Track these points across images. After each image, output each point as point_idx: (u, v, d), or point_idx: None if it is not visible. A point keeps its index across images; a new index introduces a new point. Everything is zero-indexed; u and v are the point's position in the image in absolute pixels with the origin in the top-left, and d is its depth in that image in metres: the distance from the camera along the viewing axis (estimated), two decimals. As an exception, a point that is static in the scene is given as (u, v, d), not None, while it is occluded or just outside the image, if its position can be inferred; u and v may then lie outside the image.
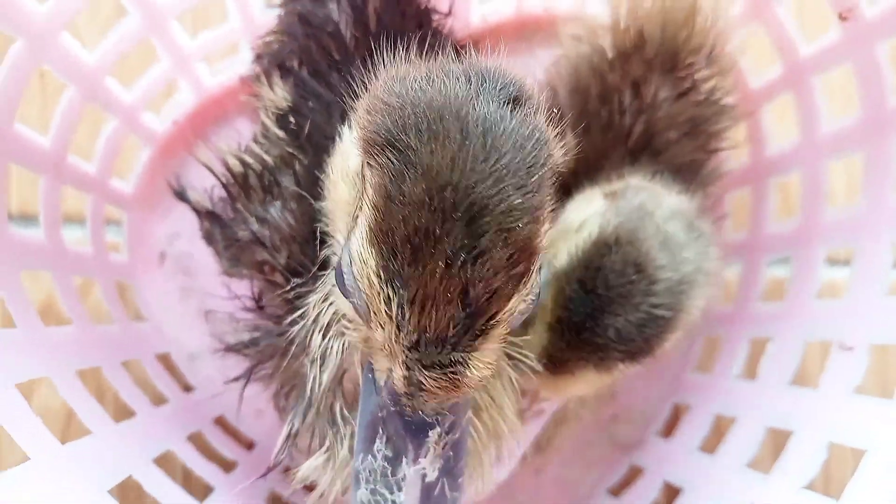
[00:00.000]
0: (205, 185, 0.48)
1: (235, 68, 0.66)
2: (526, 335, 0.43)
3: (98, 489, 0.39)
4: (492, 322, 0.31)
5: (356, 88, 0.38)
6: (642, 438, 0.69)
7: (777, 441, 0.54)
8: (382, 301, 0.30)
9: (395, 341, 0.31)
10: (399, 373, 0.32)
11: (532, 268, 0.31)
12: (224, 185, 0.46)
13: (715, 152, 0.57)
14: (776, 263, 0.68)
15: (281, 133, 0.44)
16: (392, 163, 0.29)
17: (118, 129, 0.59)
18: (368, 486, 0.35)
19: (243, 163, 0.45)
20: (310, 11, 0.48)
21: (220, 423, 0.62)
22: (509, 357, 0.41)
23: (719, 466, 0.57)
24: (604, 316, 0.41)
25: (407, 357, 0.31)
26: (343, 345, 0.39)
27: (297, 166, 0.43)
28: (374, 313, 0.31)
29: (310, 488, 0.58)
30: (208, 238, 0.49)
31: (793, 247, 0.63)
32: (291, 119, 0.44)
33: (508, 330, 0.33)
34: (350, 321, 0.36)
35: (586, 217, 0.44)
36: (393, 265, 0.29)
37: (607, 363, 0.42)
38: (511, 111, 0.31)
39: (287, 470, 0.44)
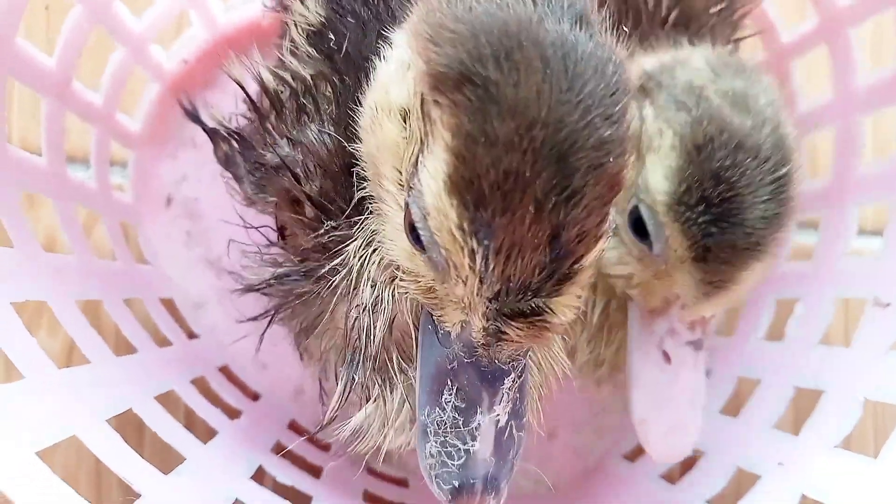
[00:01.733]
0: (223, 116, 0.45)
1: (251, 5, 0.63)
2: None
3: (95, 417, 0.37)
4: (576, 266, 0.29)
5: (391, 15, 0.36)
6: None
7: (803, 404, 0.52)
8: (466, 254, 0.28)
9: (477, 294, 0.29)
10: (479, 324, 0.30)
11: (615, 201, 0.30)
12: (253, 104, 0.42)
13: (741, 40, 0.55)
14: (804, 231, 0.65)
15: (312, 51, 0.40)
16: (471, 100, 0.27)
17: (125, 60, 0.56)
18: (438, 439, 0.32)
19: (277, 75, 0.41)
20: None
21: (225, 371, 0.60)
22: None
23: (742, 427, 0.55)
24: (746, 214, 0.39)
25: (488, 308, 0.29)
26: (393, 293, 0.36)
27: (335, 89, 0.39)
28: (456, 267, 0.29)
29: (320, 445, 0.56)
30: (226, 163, 0.45)
31: (824, 206, 0.60)
32: (328, 36, 0.40)
33: (590, 275, 0.31)
34: (407, 273, 0.34)
35: (640, 129, 0.42)
36: (480, 215, 0.27)
37: (767, 248, 0.40)
38: (583, 33, 0.29)
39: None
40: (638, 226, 0.42)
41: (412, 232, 0.31)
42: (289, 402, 0.61)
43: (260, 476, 0.47)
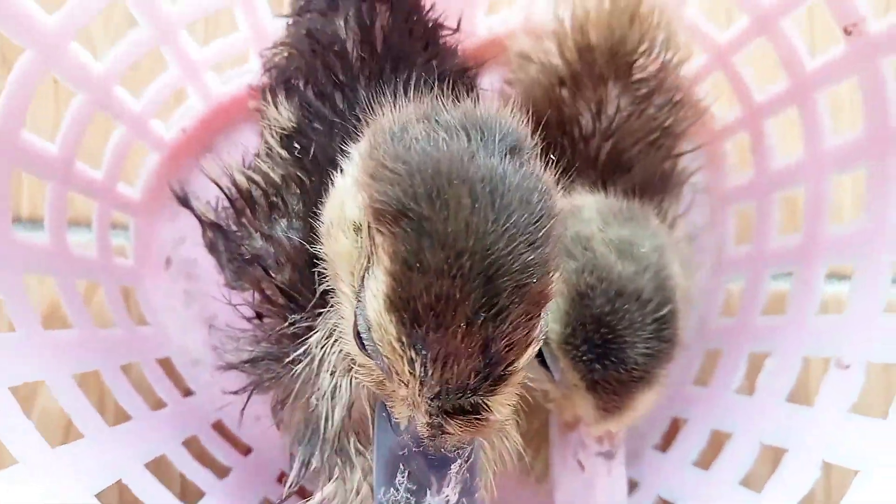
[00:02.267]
0: (211, 195, 0.49)
1: (244, 77, 0.67)
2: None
3: (85, 492, 0.40)
4: (509, 370, 0.32)
5: (357, 119, 0.39)
6: (638, 451, 0.68)
7: (772, 458, 0.54)
8: (406, 363, 0.31)
9: (419, 395, 0.32)
10: (422, 420, 0.33)
11: (542, 312, 0.32)
12: (230, 200, 0.46)
13: (681, 155, 0.58)
14: (779, 277, 0.68)
15: (285, 153, 0.44)
16: (406, 232, 0.30)
17: (126, 136, 0.60)
18: None
19: (249, 179, 0.45)
20: (317, 28, 0.48)
21: (218, 427, 0.63)
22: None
23: (713, 482, 0.57)
24: (626, 351, 0.42)
25: (430, 406, 0.32)
26: (351, 382, 0.40)
27: (303, 188, 0.43)
28: (397, 373, 0.32)
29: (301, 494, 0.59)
30: (211, 248, 0.49)
31: (795, 262, 0.62)
32: (296, 141, 0.44)
33: (524, 374, 0.34)
34: (361, 367, 0.37)
35: None
36: (415, 332, 0.30)
37: (654, 377, 0.44)
38: (512, 164, 0.31)
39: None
40: (541, 359, 0.45)
41: (358, 338, 0.34)
42: (280, 452, 0.64)
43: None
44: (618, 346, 0.42)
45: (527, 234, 0.30)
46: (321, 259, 0.39)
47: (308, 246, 0.40)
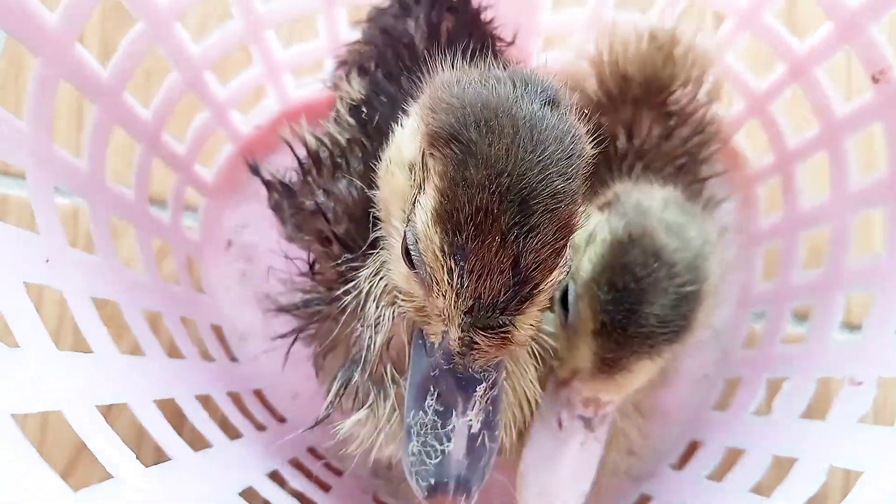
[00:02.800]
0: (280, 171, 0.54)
1: (317, 85, 0.74)
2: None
3: (145, 395, 0.45)
4: (537, 290, 0.35)
5: (419, 89, 0.44)
6: (653, 471, 0.70)
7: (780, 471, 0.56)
8: (445, 272, 0.35)
9: (454, 307, 0.36)
10: (455, 334, 0.37)
11: (568, 244, 0.36)
12: (298, 159, 0.52)
13: (707, 179, 0.61)
14: (794, 322, 0.70)
15: (351, 120, 0.50)
16: (456, 153, 0.34)
17: (209, 121, 0.67)
18: (419, 439, 0.39)
19: (319, 140, 0.51)
20: (391, 25, 0.55)
21: (258, 394, 0.67)
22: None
23: (724, 491, 0.58)
24: (642, 307, 0.44)
25: (463, 320, 0.36)
26: (392, 313, 0.43)
27: (365, 151, 0.49)
28: (437, 283, 0.36)
29: (333, 468, 0.63)
30: (276, 208, 0.54)
31: (816, 295, 0.65)
32: (363, 109, 0.50)
33: (550, 297, 0.38)
34: (404, 293, 0.41)
35: (592, 230, 0.49)
36: (456, 240, 0.34)
37: (658, 349, 0.45)
38: (551, 110, 0.36)
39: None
40: (564, 299, 0.48)
41: (406, 255, 0.38)
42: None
43: (274, 477, 0.53)
44: (636, 299, 0.44)
45: (559, 166, 0.34)
46: (375, 208, 0.44)
47: (368, 196, 0.45)
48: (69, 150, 0.49)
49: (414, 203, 0.38)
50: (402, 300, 0.41)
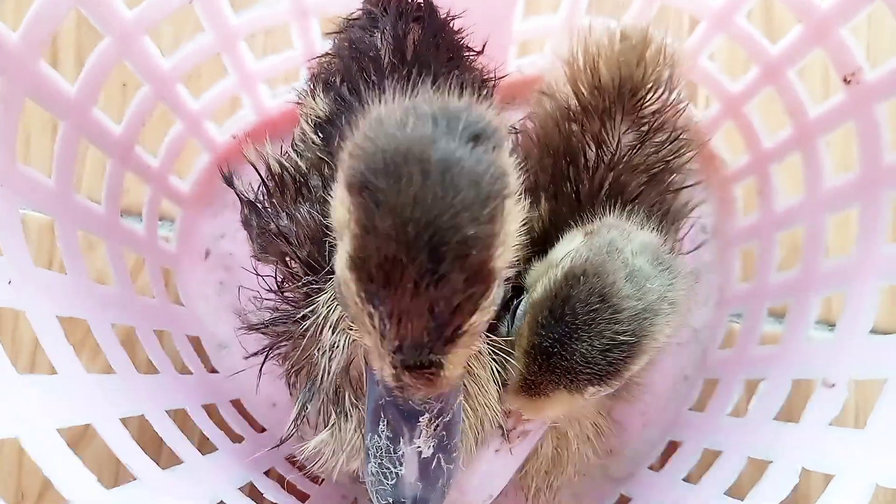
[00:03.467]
0: (252, 184, 0.55)
1: (292, 94, 0.74)
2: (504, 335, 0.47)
3: (112, 414, 0.45)
4: (458, 332, 0.35)
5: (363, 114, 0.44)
6: (633, 472, 0.70)
7: (756, 471, 0.56)
8: (366, 316, 0.35)
9: (381, 347, 0.36)
10: (387, 371, 0.37)
11: (491, 285, 0.35)
12: (263, 181, 0.52)
13: (681, 189, 0.61)
14: (771, 321, 0.71)
15: (316, 138, 0.50)
16: (365, 201, 0.34)
17: (182, 133, 0.67)
18: (376, 461, 0.40)
19: (281, 165, 0.51)
20: (358, 38, 0.55)
21: (237, 405, 0.67)
22: (492, 351, 0.46)
23: (701, 494, 0.59)
24: (571, 342, 0.44)
25: (392, 359, 0.36)
26: (348, 339, 0.44)
27: (326, 172, 0.49)
28: (361, 325, 0.36)
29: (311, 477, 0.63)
30: (245, 223, 0.54)
31: (791, 295, 0.65)
32: (326, 129, 0.50)
33: (476, 337, 0.37)
34: (352, 323, 0.41)
35: (565, 253, 0.48)
36: (370, 288, 0.34)
37: (577, 385, 0.44)
38: (472, 149, 0.34)
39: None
40: (516, 309, 0.48)
41: (339, 293, 0.38)
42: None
43: (249, 491, 0.53)
44: (567, 333, 0.44)
45: (471, 211, 0.33)
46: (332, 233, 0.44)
47: (325, 226, 0.45)
48: (43, 167, 0.50)
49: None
50: (352, 329, 0.41)
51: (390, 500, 0.40)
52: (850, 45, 0.60)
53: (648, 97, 0.60)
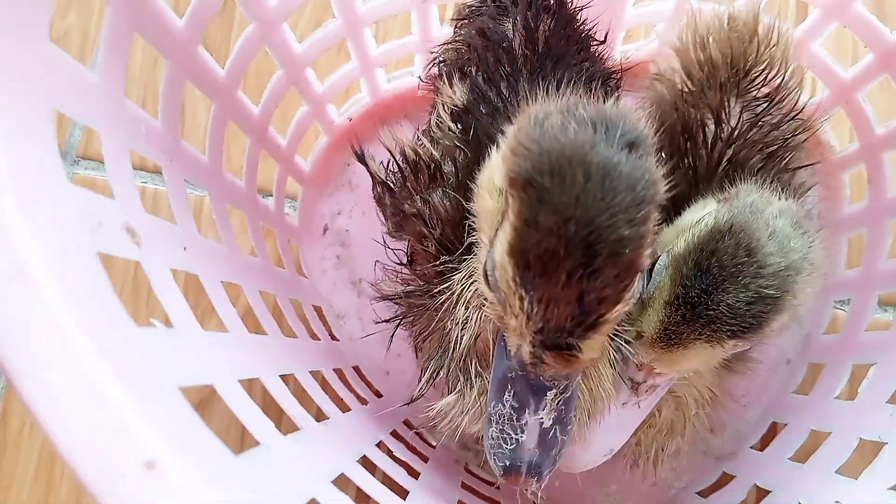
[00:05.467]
0: (382, 163, 0.58)
1: (406, 79, 0.77)
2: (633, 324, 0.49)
3: (270, 370, 0.49)
4: (600, 320, 0.38)
5: (517, 105, 0.47)
6: (735, 451, 0.72)
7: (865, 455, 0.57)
8: (517, 298, 0.38)
9: (525, 327, 0.39)
10: (526, 349, 0.40)
11: (634, 280, 0.38)
12: (399, 167, 0.55)
13: (798, 168, 0.62)
14: (882, 310, 0.71)
15: (454, 126, 0.53)
16: (529, 198, 0.36)
17: (307, 115, 0.71)
18: (498, 427, 0.43)
19: (416, 152, 0.54)
20: (489, 28, 0.57)
21: (357, 370, 0.72)
22: (613, 338, 0.48)
23: (809, 471, 0.60)
24: (717, 292, 0.45)
25: (533, 338, 0.39)
26: (480, 315, 0.47)
27: (461, 160, 0.52)
28: (510, 306, 0.39)
29: (427, 442, 0.67)
30: (379, 201, 0.58)
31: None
32: (463, 118, 0.53)
33: (614, 326, 0.40)
34: (489, 301, 0.44)
35: (702, 215, 0.50)
36: (527, 274, 0.37)
37: (718, 337, 0.46)
38: (627, 155, 0.37)
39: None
40: (652, 268, 0.49)
41: (486, 275, 0.41)
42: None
43: (381, 447, 0.58)
44: (714, 283, 0.45)
45: (627, 213, 0.36)
46: (471, 216, 0.47)
47: (464, 204, 0.48)
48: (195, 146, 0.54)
49: (497, 230, 0.40)
50: (487, 308, 0.44)
51: (507, 463, 0.43)
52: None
53: (761, 77, 0.61)
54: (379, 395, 0.72)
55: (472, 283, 0.48)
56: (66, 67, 0.39)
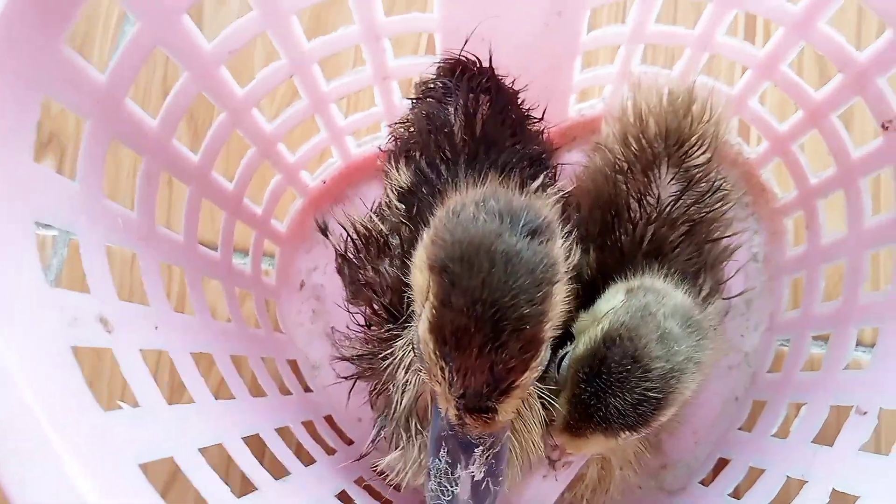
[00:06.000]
0: (341, 231, 0.64)
1: (374, 143, 0.84)
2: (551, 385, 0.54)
3: (235, 434, 0.55)
4: (512, 386, 0.43)
5: (455, 187, 0.52)
6: (685, 486, 0.77)
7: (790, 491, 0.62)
8: (439, 369, 0.43)
9: (449, 393, 0.44)
10: (452, 412, 0.45)
11: (539, 350, 0.43)
12: (353, 242, 0.62)
13: (719, 239, 0.67)
14: (816, 344, 0.76)
15: (401, 206, 0.60)
16: (444, 281, 0.42)
17: (281, 183, 0.78)
18: (436, 480, 0.49)
19: (366, 227, 0.61)
20: (434, 113, 0.63)
21: (329, 420, 0.77)
22: (539, 396, 0.53)
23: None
24: (606, 396, 0.50)
25: (456, 402, 0.44)
26: (418, 379, 0.53)
27: (405, 234, 0.58)
28: (434, 375, 0.45)
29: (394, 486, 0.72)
30: (339, 271, 0.65)
31: (833, 325, 0.71)
32: (410, 197, 0.59)
33: (526, 389, 0.46)
34: (422, 368, 0.50)
35: (607, 310, 0.54)
36: (444, 348, 0.42)
37: (612, 432, 0.51)
38: (529, 243, 0.43)
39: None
40: (562, 359, 0.54)
41: (415, 347, 0.47)
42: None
43: (343, 497, 0.63)
44: (603, 389, 0.50)
45: (528, 294, 0.42)
46: (410, 288, 0.52)
47: (403, 279, 0.54)
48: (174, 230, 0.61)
49: (423, 306, 0.46)
50: (422, 374, 0.50)
51: None
52: (886, 94, 0.64)
53: (694, 150, 0.66)
54: (350, 443, 0.77)
55: (411, 349, 0.54)
56: (47, 182, 0.45)
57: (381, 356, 0.56)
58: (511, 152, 0.61)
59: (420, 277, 0.46)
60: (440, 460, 0.48)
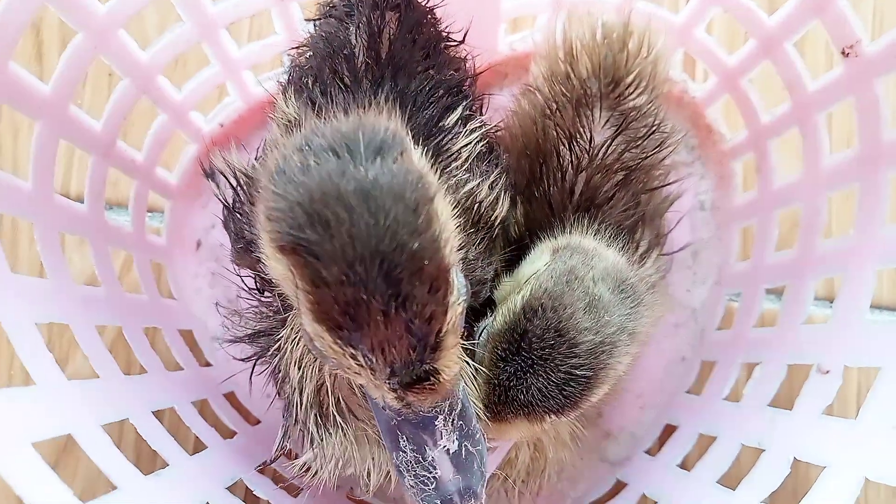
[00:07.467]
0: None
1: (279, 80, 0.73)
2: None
3: (93, 421, 0.45)
4: (440, 336, 0.35)
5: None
6: (630, 456, 0.70)
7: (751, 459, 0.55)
8: (349, 358, 0.35)
9: (375, 379, 0.36)
10: (389, 397, 0.37)
11: (450, 282, 0.35)
12: (235, 192, 0.51)
13: (655, 189, 0.59)
14: (772, 299, 0.69)
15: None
16: (304, 258, 0.33)
17: (167, 124, 0.66)
18: (410, 473, 0.40)
19: (248, 175, 0.50)
20: (332, 33, 0.53)
21: (230, 398, 0.68)
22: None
23: (694, 481, 0.58)
24: (527, 376, 0.44)
25: (389, 385, 0.36)
26: (315, 370, 0.45)
27: None
28: (347, 368, 0.36)
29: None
30: (225, 225, 0.54)
31: (789, 276, 0.64)
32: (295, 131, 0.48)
33: (458, 332, 0.37)
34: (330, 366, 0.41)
35: (531, 274, 0.47)
36: (343, 333, 0.34)
37: (536, 416, 0.45)
38: (381, 164, 0.34)
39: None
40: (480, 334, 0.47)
41: (312, 344, 0.37)
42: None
43: (236, 489, 0.54)
44: (524, 368, 0.44)
45: (406, 224, 0.33)
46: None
47: None
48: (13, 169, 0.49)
49: (297, 297, 0.36)
50: (327, 364, 0.42)
51: (438, 502, 0.40)
52: (848, 17, 0.57)
53: (630, 89, 0.58)
54: (256, 423, 0.68)
55: (299, 339, 0.45)
56: None
57: (279, 333, 0.47)
58: (424, 77, 0.51)
59: (277, 266, 0.36)
60: (405, 451, 0.40)
